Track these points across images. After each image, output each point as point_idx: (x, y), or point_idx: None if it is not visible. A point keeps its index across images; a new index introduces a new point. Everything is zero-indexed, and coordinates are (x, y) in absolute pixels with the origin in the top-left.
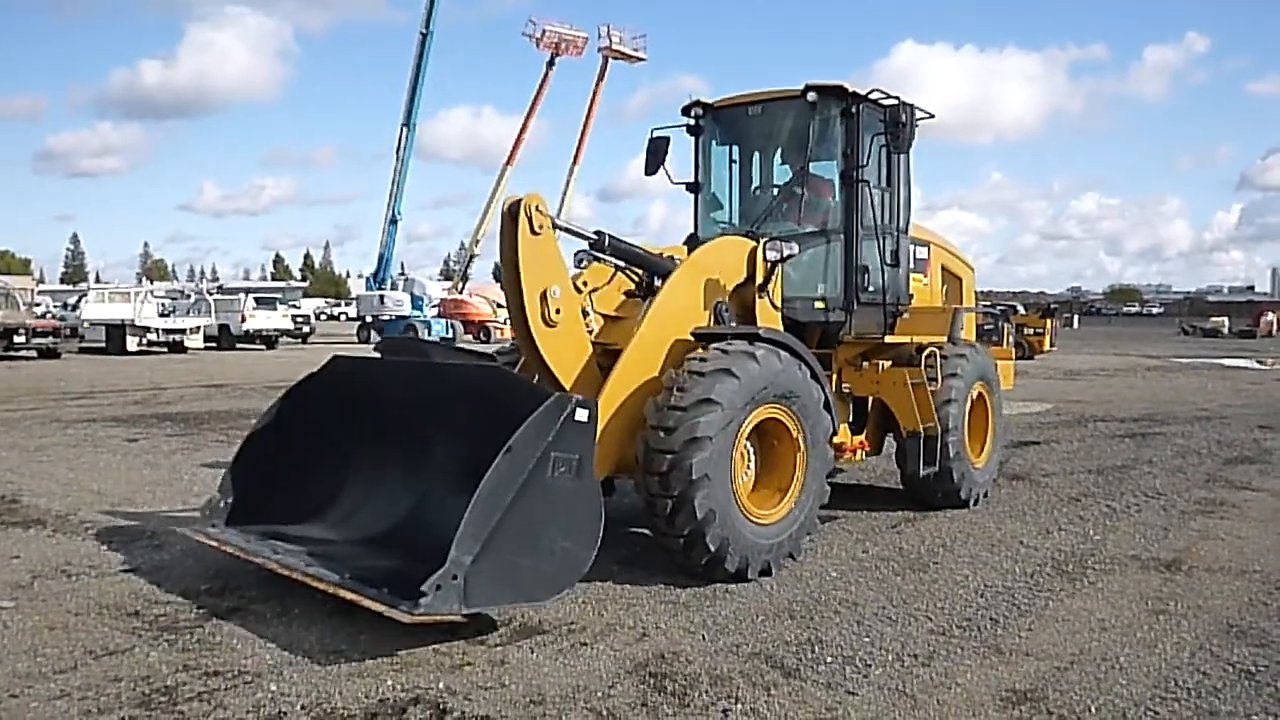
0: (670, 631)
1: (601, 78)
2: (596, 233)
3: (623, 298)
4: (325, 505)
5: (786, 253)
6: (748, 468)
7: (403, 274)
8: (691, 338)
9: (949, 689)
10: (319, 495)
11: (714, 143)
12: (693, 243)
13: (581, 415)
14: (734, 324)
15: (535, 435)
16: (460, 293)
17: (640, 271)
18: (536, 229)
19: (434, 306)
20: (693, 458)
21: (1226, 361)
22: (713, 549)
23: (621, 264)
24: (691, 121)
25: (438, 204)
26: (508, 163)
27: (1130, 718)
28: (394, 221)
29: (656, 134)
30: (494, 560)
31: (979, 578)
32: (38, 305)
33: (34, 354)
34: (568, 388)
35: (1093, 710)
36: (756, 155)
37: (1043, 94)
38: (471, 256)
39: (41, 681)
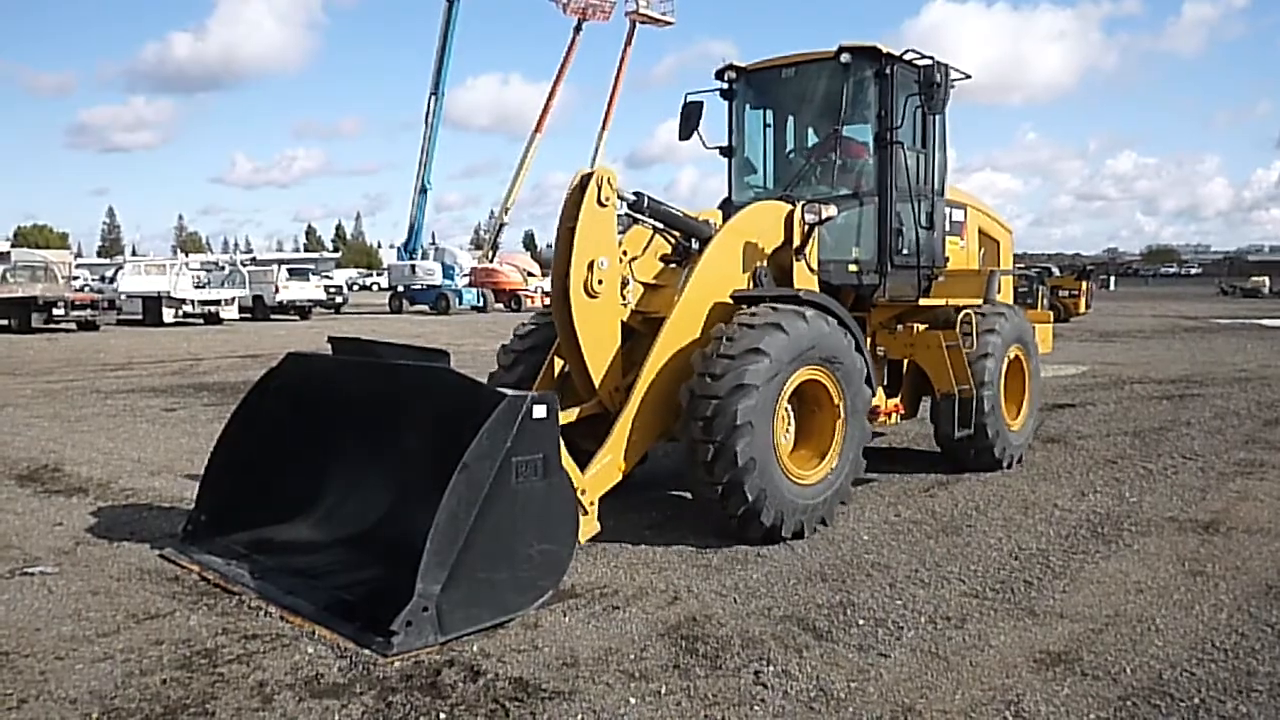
0: (702, 594)
1: (629, 42)
2: (635, 194)
3: (660, 265)
4: (306, 504)
5: (825, 215)
6: (788, 430)
7: (434, 243)
8: (732, 301)
9: (982, 651)
10: (298, 494)
11: (747, 106)
12: (727, 207)
13: (539, 411)
14: (772, 287)
15: (491, 445)
16: (490, 261)
17: (677, 234)
18: (603, 201)
19: (465, 275)
20: (738, 404)
21: (1267, 322)
22: (750, 498)
23: (660, 226)
24: (725, 85)
25: (467, 173)
26: (536, 130)
27: (1166, 679)
28: (424, 191)
29: (690, 98)
30: (466, 583)
31: (1013, 540)
32: (75, 278)
33: (73, 326)
34: (588, 360)
35: (1128, 671)
36: (790, 118)
37: (1077, 51)
38: (501, 225)
39: (86, 644)
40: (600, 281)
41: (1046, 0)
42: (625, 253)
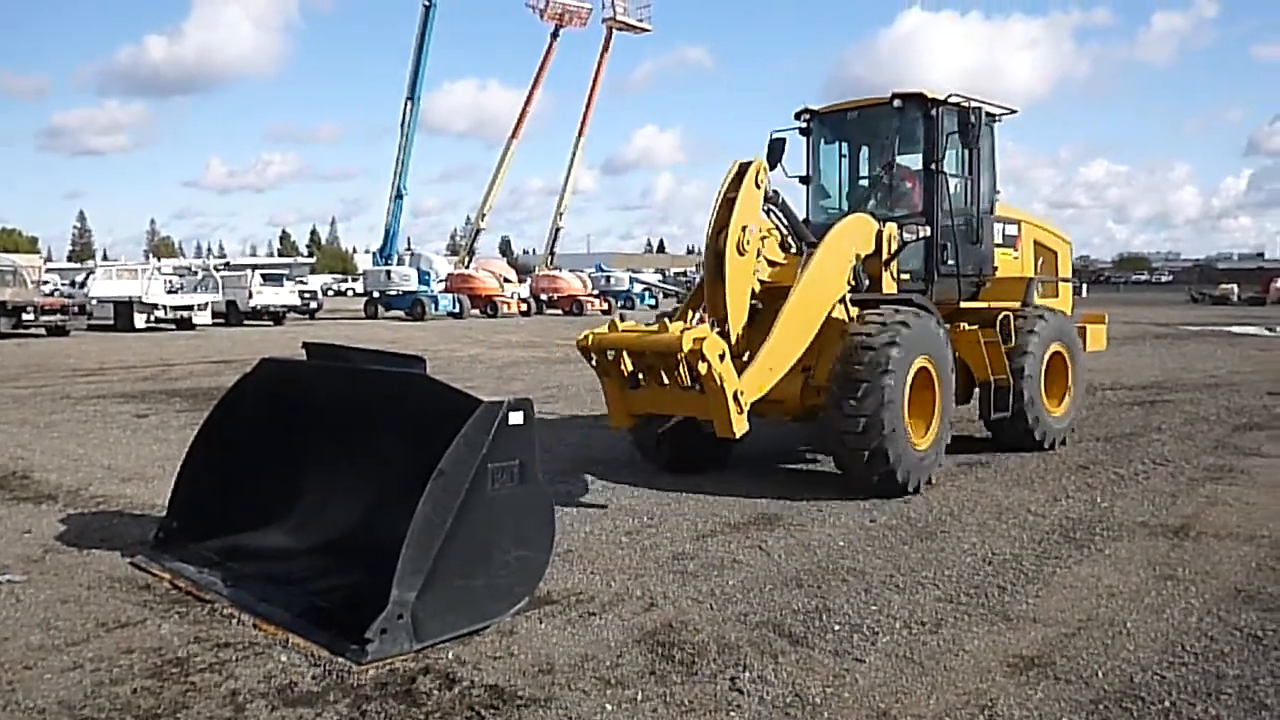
0: (678, 601)
1: (606, 49)
2: (774, 191)
3: (779, 252)
4: (279, 510)
5: (922, 234)
6: None
7: (409, 249)
8: (845, 299)
9: (956, 656)
10: (271, 501)
11: (821, 142)
12: (806, 225)
13: (515, 418)
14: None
15: (467, 451)
16: (467, 267)
17: (787, 231)
18: (758, 184)
19: (441, 281)
20: (885, 382)
21: (1235, 328)
22: (890, 459)
23: (784, 223)
24: (803, 125)
25: (443, 178)
26: (513, 136)
27: (1138, 682)
28: (399, 196)
29: (775, 135)
30: (442, 590)
31: (987, 545)
32: (46, 283)
33: (43, 331)
34: (730, 306)
35: (1100, 675)
36: (858, 151)
37: (1049, 60)
38: (478, 230)
39: (55, 654)
40: (748, 243)
41: (1019, 10)
42: (758, 229)
